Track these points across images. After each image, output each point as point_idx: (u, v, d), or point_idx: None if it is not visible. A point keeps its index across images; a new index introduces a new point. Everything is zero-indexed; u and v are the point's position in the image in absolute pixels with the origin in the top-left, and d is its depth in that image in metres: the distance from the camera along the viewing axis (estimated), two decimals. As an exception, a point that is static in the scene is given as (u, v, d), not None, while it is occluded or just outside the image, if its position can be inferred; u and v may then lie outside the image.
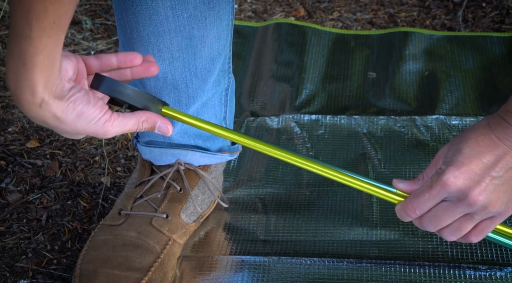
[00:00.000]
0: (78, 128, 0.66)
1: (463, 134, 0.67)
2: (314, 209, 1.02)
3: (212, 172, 0.98)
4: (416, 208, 0.68)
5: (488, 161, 0.64)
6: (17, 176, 1.07)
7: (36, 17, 0.57)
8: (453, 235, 0.68)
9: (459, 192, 0.65)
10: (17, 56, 0.59)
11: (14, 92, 0.62)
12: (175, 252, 0.91)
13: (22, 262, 0.92)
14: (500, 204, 0.65)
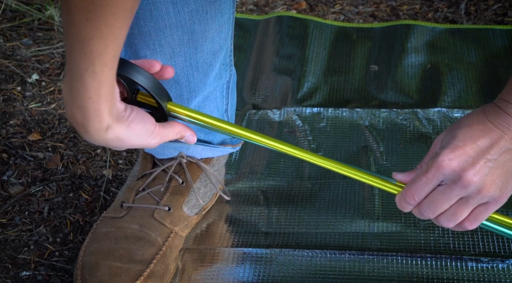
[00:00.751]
0: (134, 143, 0.69)
1: (458, 121, 0.68)
2: (316, 201, 1.02)
3: (214, 164, 0.97)
4: (414, 194, 0.68)
5: (482, 144, 0.65)
6: (19, 168, 1.07)
7: (98, 55, 0.60)
8: (449, 221, 0.68)
9: (454, 174, 0.65)
10: (83, 92, 0.62)
11: (82, 123, 0.64)
12: (177, 245, 0.91)
13: (24, 254, 0.92)
14: (495, 188, 0.66)
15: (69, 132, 1.14)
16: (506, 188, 0.66)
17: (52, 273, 0.90)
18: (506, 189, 0.66)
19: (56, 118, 1.17)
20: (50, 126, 1.16)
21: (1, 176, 1.05)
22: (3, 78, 1.26)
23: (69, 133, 1.14)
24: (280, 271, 0.90)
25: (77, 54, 0.60)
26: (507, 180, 0.66)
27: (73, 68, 0.61)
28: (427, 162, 0.68)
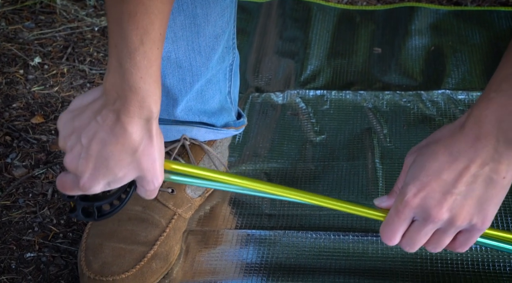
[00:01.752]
0: (154, 160, 0.68)
1: (428, 145, 0.65)
2: (319, 183, 1.02)
3: (218, 147, 0.97)
4: (391, 237, 0.68)
5: (448, 178, 0.63)
6: (22, 151, 1.07)
7: (144, 32, 0.60)
8: (435, 249, 0.68)
9: (422, 212, 0.65)
10: (134, 71, 0.62)
11: (134, 105, 0.64)
12: (181, 226, 0.91)
13: (28, 235, 0.93)
14: (469, 218, 0.64)
15: (72, 115, 1.14)
16: (485, 213, 0.64)
17: (56, 255, 0.90)
18: (486, 215, 0.64)
19: (59, 101, 1.17)
20: (53, 109, 1.16)
21: (5, 159, 1.05)
22: (6, 61, 1.26)
23: (72, 116, 1.14)
24: (284, 252, 0.90)
25: (125, 33, 0.60)
26: (483, 206, 0.63)
27: (122, 49, 0.61)
28: (396, 199, 0.67)
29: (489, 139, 0.60)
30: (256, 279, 0.86)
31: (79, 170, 0.68)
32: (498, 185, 0.62)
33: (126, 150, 0.66)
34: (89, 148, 0.67)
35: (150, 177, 0.70)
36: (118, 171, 0.68)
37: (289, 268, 0.87)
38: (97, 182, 0.68)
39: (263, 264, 0.88)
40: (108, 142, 0.66)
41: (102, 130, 0.66)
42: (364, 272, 0.85)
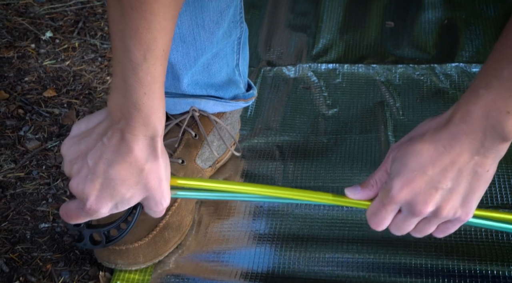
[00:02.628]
0: (161, 179, 0.68)
1: (411, 140, 0.65)
2: (331, 156, 1.02)
3: (227, 118, 0.97)
4: (378, 224, 0.69)
5: (432, 173, 0.63)
6: (35, 124, 1.07)
7: (147, 47, 0.60)
8: (419, 235, 0.70)
9: (408, 205, 0.65)
10: (137, 87, 0.62)
11: (139, 122, 0.64)
12: (192, 197, 0.91)
13: (42, 206, 0.93)
14: (454, 211, 0.65)
15: (84, 89, 1.14)
16: (469, 206, 0.65)
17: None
18: (470, 207, 0.65)
19: (70, 75, 1.17)
20: (65, 82, 1.16)
21: (18, 131, 1.05)
22: (17, 36, 1.26)
23: (84, 89, 1.14)
24: (296, 223, 0.90)
25: (128, 49, 0.60)
26: (467, 199, 0.64)
27: (125, 65, 0.61)
28: (381, 192, 0.68)
29: (475, 134, 0.60)
30: (270, 248, 0.86)
31: (85, 193, 0.68)
32: (482, 178, 0.62)
33: (132, 169, 0.66)
34: (96, 169, 0.66)
35: (158, 198, 0.70)
36: (126, 191, 0.68)
37: (302, 238, 0.87)
38: (104, 203, 0.68)
39: (276, 234, 0.88)
40: (115, 161, 0.66)
41: (108, 151, 0.66)
42: (377, 242, 0.85)
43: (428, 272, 0.81)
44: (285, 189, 0.74)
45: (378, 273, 0.82)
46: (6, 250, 0.87)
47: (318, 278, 0.82)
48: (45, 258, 0.86)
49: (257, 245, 0.87)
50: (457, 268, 0.81)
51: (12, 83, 1.15)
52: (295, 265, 0.84)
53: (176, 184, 0.74)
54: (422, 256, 0.83)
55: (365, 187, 0.70)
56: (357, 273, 0.82)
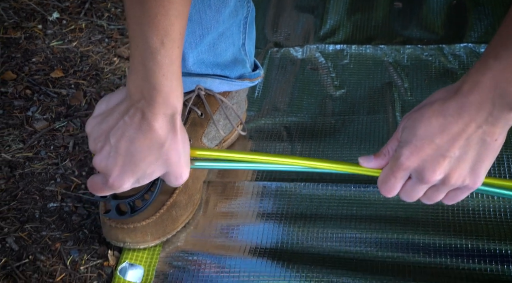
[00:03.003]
0: (180, 154, 0.71)
1: (421, 109, 0.66)
2: (339, 136, 1.02)
3: (233, 97, 0.97)
4: (389, 191, 0.70)
5: (441, 142, 0.63)
6: (43, 104, 1.07)
7: (165, 32, 0.62)
8: (428, 202, 0.70)
9: (417, 173, 0.66)
10: (157, 70, 0.64)
11: (158, 101, 0.66)
12: (199, 176, 0.92)
13: (51, 186, 0.94)
14: (462, 178, 0.65)
15: (91, 70, 1.14)
16: (477, 174, 0.65)
17: (78, 205, 0.91)
18: (478, 176, 0.65)
19: (78, 56, 1.17)
20: (72, 63, 1.16)
21: (26, 112, 1.05)
22: (24, 16, 1.25)
23: (91, 70, 1.14)
24: (304, 203, 0.90)
25: (146, 34, 0.62)
26: (475, 168, 0.65)
27: (144, 50, 0.63)
28: (391, 160, 0.69)
29: (484, 104, 0.60)
30: (278, 226, 0.86)
31: (108, 169, 0.71)
32: (490, 147, 0.63)
33: (153, 146, 0.69)
34: (118, 147, 0.69)
35: (178, 172, 0.72)
36: (147, 167, 0.70)
37: (310, 217, 0.87)
38: (127, 178, 0.71)
39: (284, 213, 0.89)
40: (136, 138, 0.68)
41: (129, 129, 0.68)
42: (385, 220, 0.85)
43: (437, 250, 0.81)
44: (299, 158, 0.75)
45: (387, 250, 0.82)
46: (16, 228, 0.87)
47: (326, 254, 0.82)
48: (54, 237, 0.87)
49: (265, 223, 0.87)
50: (465, 247, 0.81)
51: (19, 64, 1.15)
52: (303, 242, 0.84)
53: (195, 155, 0.75)
54: (430, 234, 0.83)
55: (378, 156, 0.71)
56: (365, 249, 0.82)
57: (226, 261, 0.82)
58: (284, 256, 0.82)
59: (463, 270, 0.79)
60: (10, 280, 0.81)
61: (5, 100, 1.07)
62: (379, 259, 0.81)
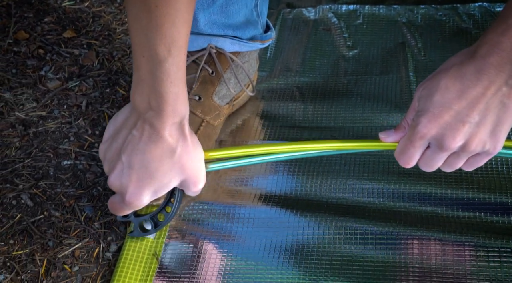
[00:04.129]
0: (196, 154, 0.71)
1: (437, 75, 0.64)
2: (352, 96, 1.01)
3: (245, 56, 0.97)
4: (408, 161, 0.70)
5: (459, 108, 0.62)
6: (56, 64, 1.07)
7: (172, 40, 0.63)
8: (448, 170, 0.70)
9: (436, 140, 0.65)
10: (164, 77, 0.65)
11: (166, 108, 0.67)
12: (210, 134, 0.92)
13: (64, 145, 0.94)
14: (482, 144, 0.64)
15: (103, 30, 1.14)
16: (497, 139, 0.64)
17: (92, 163, 0.92)
18: (498, 140, 0.64)
19: (90, 16, 1.17)
20: (84, 23, 1.15)
21: (39, 71, 1.06)
22: (36, -23, 1.25)
23: (103, 30, 1.14)
24: (316, 158, 0.90)
25: (152, 44, 0.63)
26: (495, 132, 0.63)
27: (150, 59, 0.64)
28: (409, 130, 0.68)
29: (504, 66, 0.59)
30: (291, 176, 0.87)
31: (123, 186, 0.71)
32: (509, 110, 0.62)
33: (165, 154, 0.69)
34: (130, 162, 0.70)
35: (194, 178, 0.72)
36: (162, 177, 0.70)
37: (323, 169, 0.88)
38: (143, 192, 0.71)
39: (296, 167, 0.89)
40: (147, 150, 0.69)
41: (139, 142, 0.69)
42: (399, 174, 0.85)
43: (449, 202, 0.81)
44: (314, 142, 0.75)
45: (399, 200, 0.82)
46: (30, 185, 0.88)
47: (339, 203, 0.83)
48: (68, 194, 0.88)
49: (277, 175, 0.88)
50: (477, 199, 0.81)
51: (31, 24, 1.15)
52: (316, 192, 0.85)
53: (208, 157, 0.76)
54: (443, 187, 0.83)
55: (398, 129, 0.71)
56: (377, 200, 0.83)
57: (241, 210, 0.83)
58: (297, 205, 0.83)
59: (475, 220, 0.79)
60: (26, 235, 0.82)
61: (18, 60, 1.08)
62: (392, 208, 0.82)
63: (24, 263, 0.80)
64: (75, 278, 0.78)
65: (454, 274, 0.74)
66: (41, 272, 0.79)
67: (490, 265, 0.74)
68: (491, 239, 0.76)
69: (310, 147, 0.76)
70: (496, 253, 0.75)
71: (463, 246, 0.76)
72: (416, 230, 0.78)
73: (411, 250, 0.76)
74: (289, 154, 0.77)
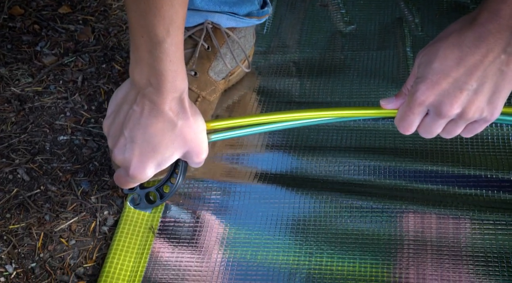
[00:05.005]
0: (198, 126, 0.72)
1: (436, 42, 0.64)
2: (349, 72, 1.01)
3: (241, 31, 0.96)
4: (407, 128, 0.70)
5: (457, 75, 0.62)
6: (51, 40, 1.07)
7: (170, 21, 0.64)
8: (449, 136, 0.70)
9: (434, 108, 0.66)
10: (164, 57, 0.66)
11: (166, 85, 0.67)
12: (206, 109, 0.92)
13: (61, 120, 0.94)
14: (480, 111, 0.65)
15: (99, 5, 1.13)
16: (494, 106, 0.64)
17: (88, 138, 0.92)
18: (495, 107, 0.64)
19: (85, -8, 1.16)
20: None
21: (34, 47, 1.05)
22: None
23: (99, 6, 1.13)
24: (312, 132, 0.90)
25: (151, 25, 0.63)
26: (492, 99, 0.63)
27: (149, 39, 0.64)
28: (408, 97, 0.68)
29: (503, 33, 0.59)
30: (287, 154, 0.87)
31: (127, 160, 0.72)
32: (507, 77, 0.62)
33: (166, 128, 0.70)
34: (132, 136, 0.71)
35: (197, 149, 0.73)
36: (164, 150, 0.71)
37: (320, 147, 0.88)
38: (146, 166, 0.72)
39: (293, 144, 0.89)
40: (149, 124, 0.70)
41: (140, 117, 0.70)
42: (394, 151, 0.86)
43: (444, 178, 0.81)
44: (313, 110, 0.76)
45: (395, 178, 0.83)
46: (27, 160, 0.88)
47: (335, 180, 0.83)
48: (65, 169, 0.88)
49: (273, 152, 0.88)
50: (473, 175, 0.81)
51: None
52: (312, 169, 0.85)
53: (209, 127, 0.76)
54: (438, 165, 0.83)
55: (399, 96, 0.71)
56: (373, 177, 0.83)
57: (236, 187, 0.83)
58: (293, 181, 0.83)
59: (471, 195, 0.79)
60: (22, 210, 0.83)
61: (13, 35, 1.07)
62: (388, 185, 0.82)
63: (21, 236, 0.80)
64: (72, 251, 0.78)
65: (449, 247, 0.74)
66: (37, 245, 0.79)
67: (485, 237, 0.74)
68: (486, 212, 0.76)
69: (311, 115, 0.76)
70: (491, 226, 0.75)
71: (458, 219, 0.76)
72: (412, 204, 0.78)
73: (407, 223, 0.77)
74: (290, 123, 0.77)
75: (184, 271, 0.75)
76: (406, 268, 0.72)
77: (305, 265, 0.74)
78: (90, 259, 0.78)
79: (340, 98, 0.97)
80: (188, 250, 0.77)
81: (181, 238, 0.78)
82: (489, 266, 0.72)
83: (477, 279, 0.70)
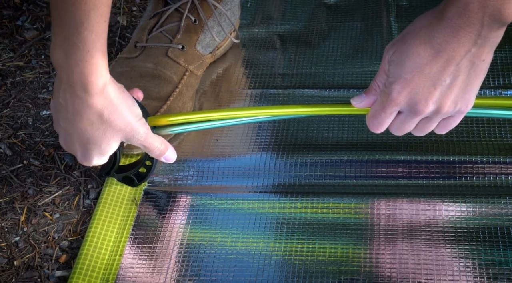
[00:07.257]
0: (124, 118, 0.68)
1: (406, 39, 0.63)
2: (333, 43, 1.01)
3: (227, 3, 0.95)
4: (377, 127, 0.69)
5: (430, 72, 0.61)
6: (32, 14, 1.05)
7: (93, 6, 0.59)
8: (420, 134, 0.69)
9: (408, 106, 0.65)
10: (81, 46, 0.61)
11: (82, 80, 0.63)
12: (193, 83, 0.91)
13: (43, 94, 0.93)
14: (454, 106, 0.64)
15: (81, -21, 1.12)
16: (468, 97, 0.64)
17: (71, 112, 0.91)
18: (469, 99, 0.64)
19: (67, -34, 1.15)
20: (61, -27, 1.13)
21: (15, 21, 1.04)
22: None
23: (81, -20, 1.12)
24: (288, 129, 0.90)
25: (71, 7, 0.59)
26: (466, 91, 0.63)
27: (67, 23, 0.60)
28: (380, 95, 0.67)
29: (472, 26, 0.58)
30: (276, 125, 0.87)
31: (71, 150, 0.70)
32: (478, 69, 0.61)
33: (94, 121, 0.67)
34: (67, 129, 0.68)
35: (132, 132, 0.70)
36: (100, 141, 0.69)
37: (304, 119, 0.88)
38: (90, 157, 0.70)
39: (277, 120, 0.89)
40: (77, 120, 0.66)
41: (67, 112, 0.66)
42: (376, 144, 0.85)
43: (429, 167, 0.81)
44: (286, 107, 0.73)
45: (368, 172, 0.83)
46: (9, 135, 0.88)
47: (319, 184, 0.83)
48: (48, 143, 0.87)
49: (261, 127, 0.88)
50: (458, 161, 0.82)
51: (7, -26, 1.13)
52: (302, 137, 0.85)
53: (167, 122, 0.74)
54: (423, 154, 0.83)
55: (369, 93, 0.70)
56: (359, 170, 0.83)
57: (227, 162, 0.83)
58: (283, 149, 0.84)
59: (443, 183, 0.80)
60: (5, 184, 0.82)
61: (-6, 10, 1.06)
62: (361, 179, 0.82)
63: (4, 210, 0.80)
64: (56, 224, 0.78)
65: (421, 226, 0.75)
66: (21, 219, 0.79)
67: (456, 216, 0.75)
68: (458, 197, 0.77)
69: (280, 112, 0.73)
70: (463, 208, 0.76)
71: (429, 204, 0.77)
72: (395, 189, 0.79)
73: (378, 211, 0.77)
74: (255, 118, 0.75)
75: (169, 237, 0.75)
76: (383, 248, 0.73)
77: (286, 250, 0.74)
78: (75, 232, 0.78)
79: (324, 69, 0.97)
80: (171, 217, 0.77)
81: (163, 209, 0.78)
82: (459, 241, 0.72)
83: (446, 251, 0.72)
